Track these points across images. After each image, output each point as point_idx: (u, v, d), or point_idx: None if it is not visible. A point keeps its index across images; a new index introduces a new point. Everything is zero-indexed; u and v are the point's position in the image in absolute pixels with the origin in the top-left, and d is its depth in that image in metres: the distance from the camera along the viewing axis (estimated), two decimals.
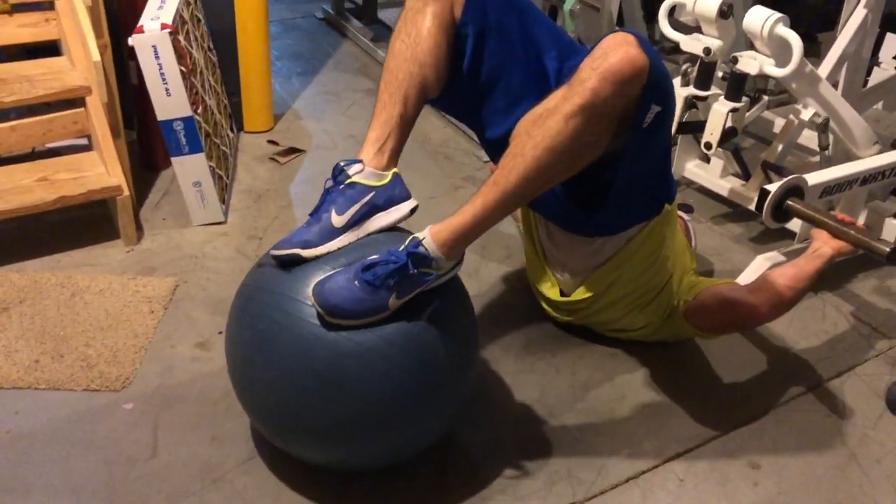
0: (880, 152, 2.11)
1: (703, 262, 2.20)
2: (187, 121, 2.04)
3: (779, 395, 1.77)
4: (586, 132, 1.25)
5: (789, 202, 1.88)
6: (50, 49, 2.27)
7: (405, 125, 1.44)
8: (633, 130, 1.33)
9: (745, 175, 2.39)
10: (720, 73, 2.15)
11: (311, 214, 1.37)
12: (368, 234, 1.37)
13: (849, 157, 2.16)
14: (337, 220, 1.34)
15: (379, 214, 1.38)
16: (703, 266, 2.18)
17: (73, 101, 2.08)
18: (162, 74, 1.97)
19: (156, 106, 2.01)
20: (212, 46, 2.53)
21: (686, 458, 1.61)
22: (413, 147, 2.67)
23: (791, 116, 2.17)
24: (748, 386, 1.80)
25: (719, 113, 1.95)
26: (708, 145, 2.00)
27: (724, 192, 2.39)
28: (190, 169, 2.10)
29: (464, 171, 2.57)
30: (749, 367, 1.84)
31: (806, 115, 2.05)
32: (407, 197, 1.41)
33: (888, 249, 1.71)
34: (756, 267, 2.01)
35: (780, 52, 1.87)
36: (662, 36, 3.60)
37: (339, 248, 1.34)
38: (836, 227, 1.79)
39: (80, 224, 2.14)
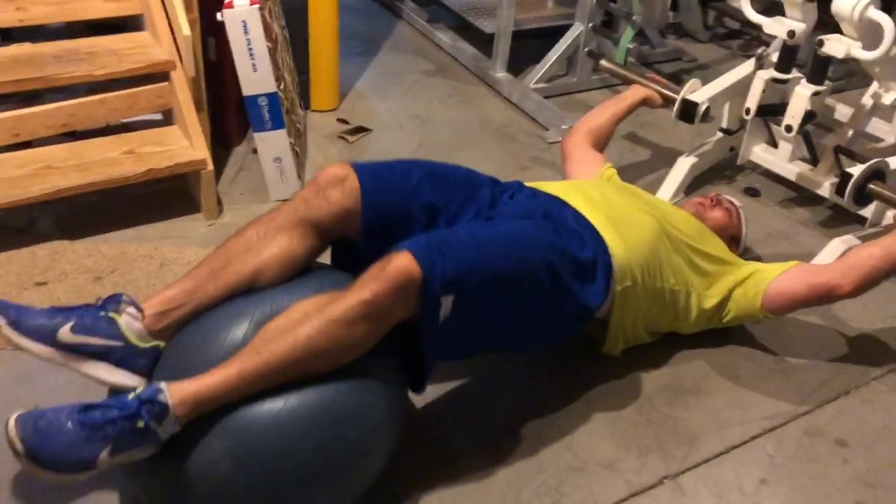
0: None
1: (770, 244, 2.22)
2: (271, 97, 2.07)
3: (860, 374, 1.80)
4: (361, 324, 1.22)
5: (872, 186, 1.90)
6: (115, 27, 2.29)
7: (204, 307, 1.33)
8: (427, 320, 1.29)
9: (814, 160, 2.40)
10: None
11: (53, 307, 1.26)
12: (78, 372, 1.25)
13: None
14: (65, 334, 1.22)
15: (104, 364, 1.25)
16: (770, 249, 2.19)
17: (152, 75, 2.11)
18: (250, 50, 2.00)
19: (242, 81, 2.04)
20: (285, 24, 2.56)
21: (773, 434, 1.63)
22: (475, 127, 2.70)
23: (864, 101, 2.18)
24: (828, 366, 1.82)
25: (802, 96, 1.96)
26: (789, 128, 2.02)
27: (793, 177, 2.40)
28: (272, 144, 2.14)
29: (529, 152, 2.59)
30: (827, 348, 1.86)
31: (888, 98, 2.06)
32: (143, 374, 1.28)
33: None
34: (832, 249, 2.02)
35: (868, 34, 1.88)
36: (717, 20, 3.61)
37: (37, 356, 1.22)
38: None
39: (161, 197, 2.18)
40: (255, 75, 2.04)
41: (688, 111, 2.20)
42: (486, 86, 2.98)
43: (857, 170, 1.88)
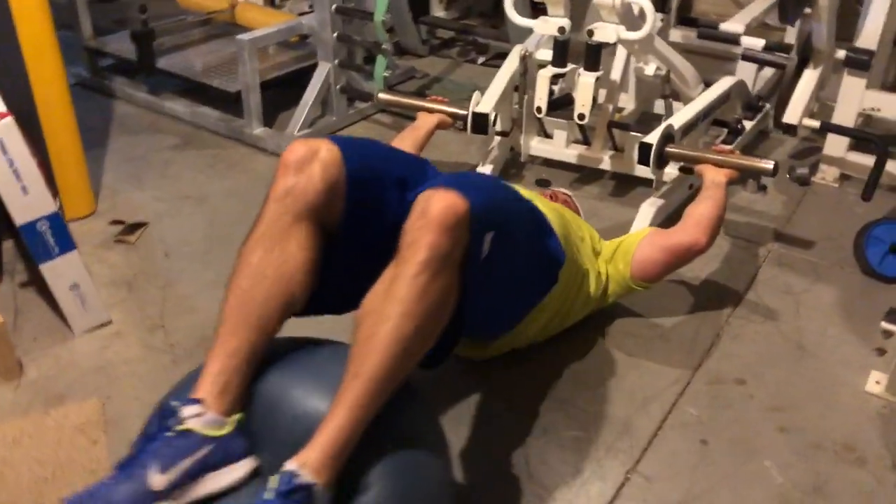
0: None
1: None
2: (53, 218, 1.75)
3: (718, 317, 1.97)
4: (435, 286, 1.15)
5: (668, 148, 2.08)
6: None
7: (257, 356, 1.20)
8: (472, 265, 1.23)
9: (586, 140, 2.58)
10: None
11: (120, 466, 1.07)
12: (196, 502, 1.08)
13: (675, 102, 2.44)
14: (157, 480, 1.04)
15: (211, 475, 1.09)
16: None
17: None
18: (15, 171, 1.67)
19: (12, 209, 1.70)
20: None
21: (686, 396, 1.73)
22: (257, 191, 2.51)
23: (614, 77, 2.40)
24: (691, 318, 1.97)
25: (588, 84, 2.10)
26: (582, 116, 2.14)
27: (573, 160, 2.57)
28: (64, 271, 1.81)
29: None
30: (680, 302, 2.02)
31: (649, 70, 2.27)
32: (245, 453, 1.14)
33: (771, 165, 1.97)
34: (645, 214, 2.19)
35: (627, 18, 2.06)
36: (429, 33, 3.74)
37: None
38: (720, 159, 2.02)
39: None
40: (27, 199, 1.71)
41: (479, 123, 2.25)
42: (246, 146, 2.80)
43: (652, 138, 2.05)
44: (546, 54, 2.35)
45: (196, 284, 2.08)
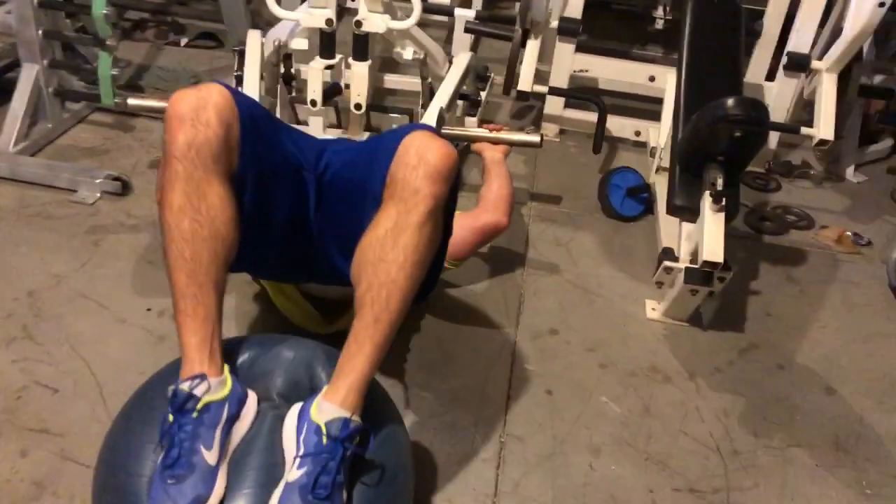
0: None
1: None
2: None
3: (515, 278, 2.18)
4: (436, 232, 1.28)
5: (444, 130, 2.22)
6: None
7: (221, 313, 1.26)
8: (451, 205, 1.35)
9: (341, 124, 2.61)
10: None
11: (166, 465, 1.12)
12: (231, 455, 1.19)
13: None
14: (211, 456, 1.14)
15: (236, 425, 1.20)
16: None
17: None
18: None
19: None
20: None
21: (518, 353, 1.92)
22: None
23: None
24: (495, 285, 2.16)
25: (362, 74, 2.13)
26: (358, 106, 2.17)
27: None
28: None
29: (83, 225, 2.22)
30: (480, 273, 2.19)
31: (407, 54, 2.36)
32: (246, 393, 1.24)
33: (538, 139, 2.20)
34: None
35: (392, 9, 2.12)
36: (120, 16, 3.42)
37: (224, 489, 1.14)
38: (493, 137, 2.21)
39: None
40: None
41: None
42: None
43: (427, 121, 2.17)
44: (302, 44, 2.32)
45: None
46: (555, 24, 2.68)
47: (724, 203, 1.82)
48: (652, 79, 2.77)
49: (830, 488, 1.66)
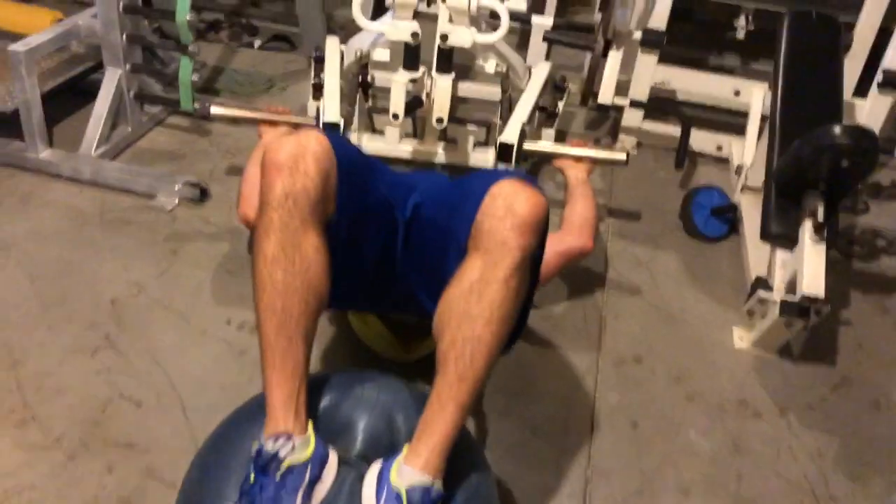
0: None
1: None
2: None
3: (595, 300, 2.13)
4: (524, 285, 1.22)
5: (526, 146, 2.17)
6: None
7: (308, 365, 1.23)
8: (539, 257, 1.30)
9: (417, 134, 2.57)
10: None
11: None
12: None
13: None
14: None
15: (316, 487, 1.15)
16: None
17: None
18: None
19: None
20: None
21: (601, 381, 1.86)
22: (73, 229, 2.21)
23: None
24: (575, 307, 2.11)
25: (445, 87, 2.09)
26: (440, 120, 2.13)
27: (408, 155, 2.55)
28: None
29: (162, 231, 2.23)
30: (559, 295, 2.14)
31: (490, 67, 2.31)
32: (328, 453, 1.19)
33: (624, 156, 2.14)
34: None
35: (478, 21, 2.07)
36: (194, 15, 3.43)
37: None
38: (578, 153, 2.15)
39: None
40: None
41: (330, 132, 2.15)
42: (33, 173, 2.39)
43: (511, 137, 2.12)
44: (384, 55, 2.29)
45: (52, 357, 1.78)
46: (638, 34, 2.60)
47: (825, 234, 1.74)
48: (737, 93, 2.67)
49: None
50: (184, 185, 2.31)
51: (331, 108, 2.19)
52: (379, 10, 2.60)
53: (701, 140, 2.80)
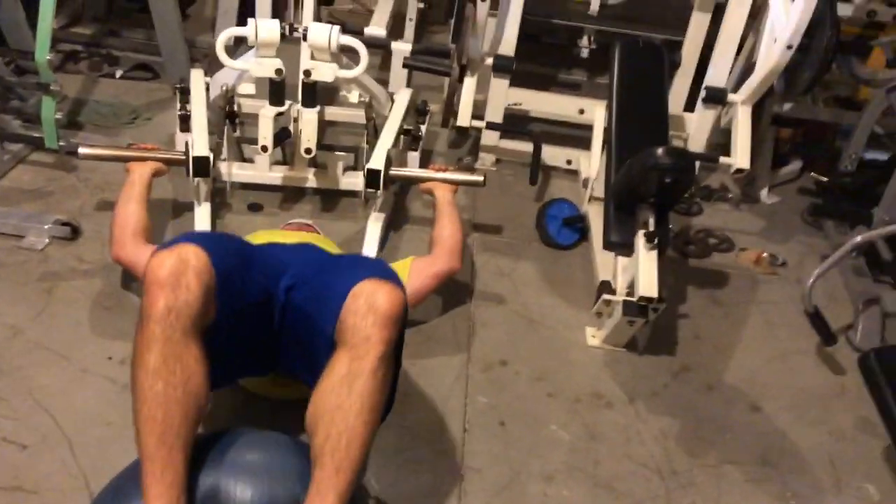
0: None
1: None
2: None
3: (464, 310, 2.30)
4: (390, 371, 1.34)
5: (392, 171, 2.32)
6: None
7: (188, 472, 1.26)
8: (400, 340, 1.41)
9: (286, 161, 2.68)
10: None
11: None
12: None
13: None
14: None
15: None
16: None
17: None
18: None
19: None
20: None
21: (471, 385, 2.03)
22: None
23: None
24: (445, 319, 2.27)
25: (311, 120, 2.21)
26: (308, 150, 2.26)
27: (279, 181, 2.65)
28: None
29: (38, 270, 2.23)
30: (430, 307, 2.29)
31: (353, 98, 2.45)
32: None
33: (482, 178, 2.33)
34: (374, 230, 2.40)
35: (339, 56, 2.21)
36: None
37: None
38: (440, 178, 2.32)
39: None
40: None
41: (201, 166, 2.23)
42: None
43: (378, 164, 2.26)
44: (249, 88, 2.39)
45: None
46: (490, 60, 2.80)
47: (656, 242, 1.98)
48: (581, 111, 2.93)
49: (759, 502, 1.83)
50: (53, 224, 2.32)
51: (200, 142, 2.26)
52: (240, 41, 2.66)
53: (553, 155, 3.04)
